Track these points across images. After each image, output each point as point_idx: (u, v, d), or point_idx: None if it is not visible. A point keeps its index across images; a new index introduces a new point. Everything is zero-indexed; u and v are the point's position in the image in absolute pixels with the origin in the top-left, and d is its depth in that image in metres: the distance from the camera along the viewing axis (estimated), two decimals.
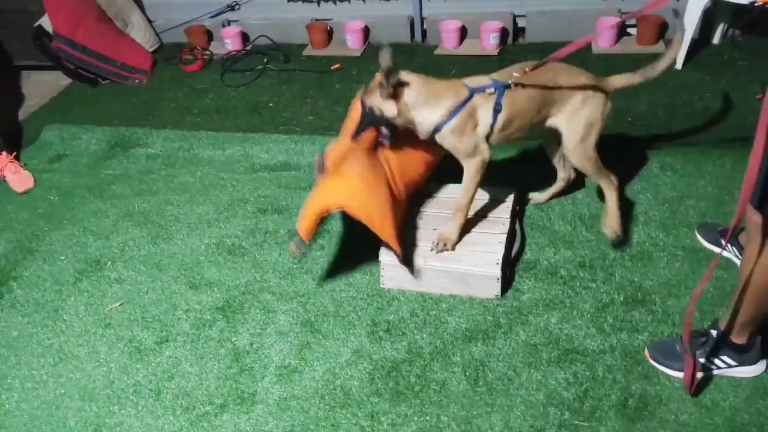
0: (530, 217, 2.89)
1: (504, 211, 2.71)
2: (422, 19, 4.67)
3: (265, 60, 4.65)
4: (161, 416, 2.25)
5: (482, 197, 2.75)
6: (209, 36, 5.04)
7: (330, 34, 4.82)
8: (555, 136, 2.55)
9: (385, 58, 2.20)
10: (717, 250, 2.55)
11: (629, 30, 4.35)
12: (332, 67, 4.50)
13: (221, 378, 2.35)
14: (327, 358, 2.37)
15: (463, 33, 4.53)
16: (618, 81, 2.50)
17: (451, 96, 2.33)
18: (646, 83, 2.48)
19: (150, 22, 5.09)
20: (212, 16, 5.04)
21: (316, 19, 4.85)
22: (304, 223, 2.38)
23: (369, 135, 2.43)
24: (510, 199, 2.77)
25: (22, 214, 3.39)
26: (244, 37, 4.95)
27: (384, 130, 2.40)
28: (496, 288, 2.47)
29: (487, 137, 2.40)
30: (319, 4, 4.85)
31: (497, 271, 2.43)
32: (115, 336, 2.59)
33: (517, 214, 2.81)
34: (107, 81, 4.66)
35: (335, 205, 2.34)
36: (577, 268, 2.59)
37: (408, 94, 2.31)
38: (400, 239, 2.42)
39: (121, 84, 4.63)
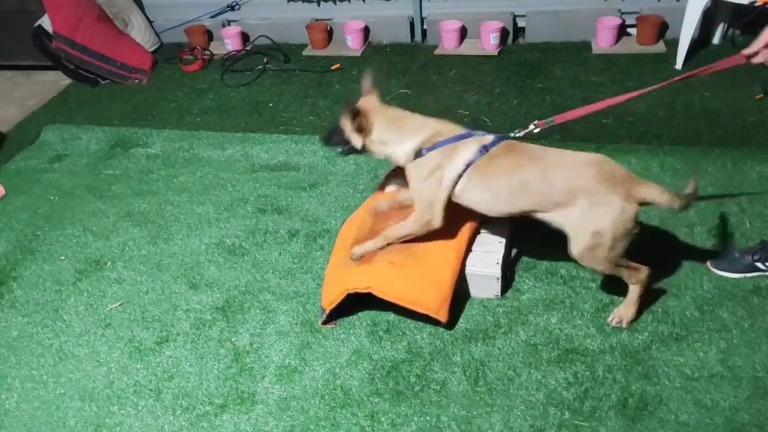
0: None
1: None
2: (422, 19, 4.67)
3: (265, 60, 4.65)
4: (161, 416, 2.25)
5: None
6: (209, 36, 5.05)
7: (330, 34, 4.83)
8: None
9: (366, 83, 2.40)
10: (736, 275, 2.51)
11: (629, 30, 4.35)
12: (332, 67, 4.50)
13: (221, 378, 2.35)
14: (327, 358, 2.37)
15: (463, 33, 4.53)
16: (649, 192, 2.08)
17: (429, 130, 2.26)
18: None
19: (150, 22, 5.09)
20: (212, 16, 5.04)
21: (316, 19, 4.85)
22: (330, 298, 2.42)
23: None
24: None
25: (22, 214, 3.39)
26: (244, 37, 4.95)
27: (339, 147, 2.41)
28: (496, 288, 2.47)
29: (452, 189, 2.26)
30: (319, 4, 4.85)
31: (497, 271, 2.43)
32: (115, 336, 2.59)
33: None
34: (107, 81, 4.66)
35: (362, 287, 2.36)
36: (577, 268, 2.59)
37: (377, 132, 2.30)
38: (446, 306, 2.33)
39: (121, 84, 4.64)
